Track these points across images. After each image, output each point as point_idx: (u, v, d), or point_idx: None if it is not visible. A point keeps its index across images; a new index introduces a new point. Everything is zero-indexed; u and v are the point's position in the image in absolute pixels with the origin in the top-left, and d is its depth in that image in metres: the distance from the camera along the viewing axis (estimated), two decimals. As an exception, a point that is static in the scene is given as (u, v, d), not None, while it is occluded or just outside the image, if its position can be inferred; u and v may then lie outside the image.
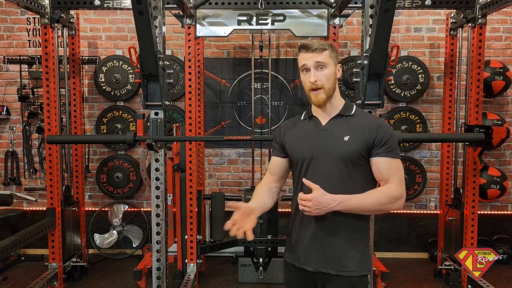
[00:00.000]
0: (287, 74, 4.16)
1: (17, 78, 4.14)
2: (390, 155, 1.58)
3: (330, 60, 1.61)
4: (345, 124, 1.63)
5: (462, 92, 3.53)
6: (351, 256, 1.60)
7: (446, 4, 3.19)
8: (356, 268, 1.59)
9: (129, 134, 2.60)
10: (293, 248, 1.69)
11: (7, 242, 2.73)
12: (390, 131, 1.61)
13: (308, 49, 1.59)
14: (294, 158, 1.70)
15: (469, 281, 3.21)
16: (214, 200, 3.48)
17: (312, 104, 1.67)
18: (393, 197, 1.56)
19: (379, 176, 1.60)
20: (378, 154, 1.58)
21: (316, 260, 1.61)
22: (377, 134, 1.58)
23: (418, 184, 4.16)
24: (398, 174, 1.59)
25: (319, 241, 1.61)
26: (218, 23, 3.30)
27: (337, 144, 1.60)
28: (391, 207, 1.58)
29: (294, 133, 1.72)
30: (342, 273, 1.58)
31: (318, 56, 1.59)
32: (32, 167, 4.19)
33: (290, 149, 1.71)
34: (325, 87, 1.60)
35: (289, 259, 1.70)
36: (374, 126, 1.60)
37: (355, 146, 1.58)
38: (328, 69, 1.60)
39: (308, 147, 1.64)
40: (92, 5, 3.23)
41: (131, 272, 3.55)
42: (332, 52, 1.62)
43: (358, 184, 1.59)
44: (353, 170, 1.59)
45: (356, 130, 1.60)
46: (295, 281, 1.70)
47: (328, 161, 1.59)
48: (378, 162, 1.58)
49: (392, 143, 1.59)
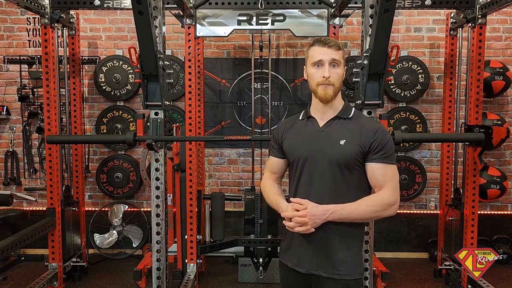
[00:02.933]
0: (287, 74, 4.16)
1: (17, 78, 4.14)
2: (386, 161, 1.58)
3: (343, 61, 1.63)
4: (343, 127, 1.63)
5: (462, 92, 3.53)
6: (344, 260, 1.59)
7: (446, 4, 3.19)
8: (348, 271, 1.59)
9: (129, 134, 2.60)
10: (287, 249, 1.71)
11: (7, 242, 2.73)
12: (387, 136, 1.60)
13: (326, 44, 1.59)
14: (290, 158, 1.70)
15: (469, 281, 3.21)
16: (214, 200, 3.48)
17: (318, 100, 1.64)
18: (386, 204, 1.56)
19: (374, 182, 1.60)
20: (373, 159, 1.58)
21: (309, 262, 1.62)
22: (374, 139, 1.57)
23: (418, 184, 4.16)
24: (393, 181, 1.58)
25: (312, 244, 1.61)
26: (218, 23, 3.30)
27: (332, 147, 1.59)
28: (385, 214, 1.58)
29: (292, 133, 1.72)
30: (334, 276, 1.59)
31: (335, 53, 1.60)
32: (32, 167, 4.19)
33: (287, 149, 1.71)
34: (335, 85, 1.60)
35: (283, 259, 1.72)
36: (372, 131, 1.59)
37: (351, 151, 1.57)
38: (340, 68, 1.62)
39: (304, 148, 1.64)
40: (92, 5, 3.23)
41: (131, 272, 3.55)
42: (344, 54, 1.64)
43: (351, 188, 1.60)
44: (348, 174, 1.59)
45: (353, 134, 1.60)
46: (290, 281, 1.71)
47: (323, 164, 1.60)
48: (374, 168, 1.58)
49: (389, 148, 1.59)
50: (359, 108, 2.63)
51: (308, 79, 1.67)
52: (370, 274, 2.71)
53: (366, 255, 2.69)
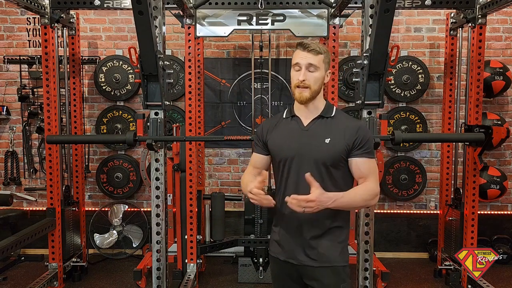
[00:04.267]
0: (287, 74, 4.16)
1: (17, 78, 4.14)
2: (368, 156, 1.68)
3: (322, 65, 1.68)
4: (326, 126, 1.70)
5: (462, 92, 3.53)
6: (333, 249, 1.68)
7: (446, 4, 3.19)
8: (338, 259, 1.69)
9: (129, 134, 2.60)
10: (277, 242, 1.77)
11: (7, 242, 2.73)
12: (369, 133, 1.71)
13: (305, 48, 1.65)
14: (277, 158, 1.76)
15: (469, 281, 3.21)
16: (214, 200, 3.48)
17: (295, 100, 1.73)
18: (374, 194, 1.67)
19: (359, 174, 1.69)
20: (357, 155, 1.67)
21: (300, 253, 1.69)
22: (357, 136, 1.66)
23: (418, 184, 4.16)
24: (375, 173, 1.71)
25: (302, 236, 1.69)
26: (218, 23, 3.30)
27: (318, 146, 1.66)
28: (372, 203, 1.70)
29: (277, 132, 1.77)
30: (325, 264, 1.67)
31: (312, 58, 1.65)
32: (32, 167, 4.19)
33: (272, 147, 1.76)
34: (311, 88, 1.66)
35: (274, 253, 1.78)
36: (354, 129, 1.68)
37: (336, 149, 1.65)
38: (318, 73, 1.67)
39: (290, 147, 1.70)
40: (92, 5, 3.23)
41: (131, 272, 3.55)
42: (326, 58, 1.70)
43: (338, 183, 1.68)
44: (333, 170, 1.67)
45: (336, 132, 1.68)
46: (281, 274, 1.77)
47: (309, 162, 1.66)
48: (358, 162, 1.67)
49: (370, 144, 1.70)
50: (359, 108, 2.64)
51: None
52: (370, 274, 2.72)
53: (366, 255, 2.69)
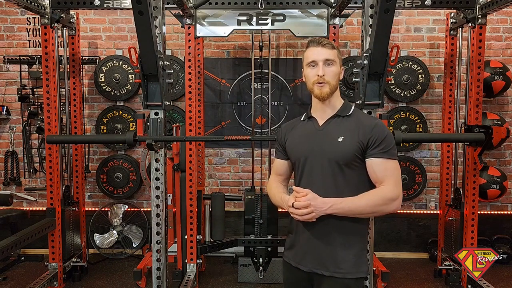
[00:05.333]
0: (287, 74, 4.16)
1: (17, 78, 4.14)
2: (385, 156, 1.56)
3: (337, 59, 1.65)
4: (341, 125, 1.64)
5: (462, 92, 3.53)
6: (345, 258, 1.59)
7: (446, 4, 3.19)
8: (350, 270, 1.58)
9: (129, 134, 2.60)
10: (290, 247, 1.72)
11: (7, 242, 2.73)
12: (386, 131, 1.59)
13: (319, 44, 1.63)
14: (292, 159, 1.73)
15: (469, 281, 3.21)
16: (214, 200, 3.48)
17: (315, 98, 1.68)
18: (388, 199, 1.55)
19: (374, 178, 1.59)
20: (372, 155, 1.57)
21: (311, 260, 1.63)
22: (372, 134, 1.57)
23: (418, 184, 4.16)
24: (394, 175, 1.57)
25: (314, 242, 1.61)
26: (218, 23, 3.30)
27: (331, 145, 1.61)
28: (387, 209, 1.56)
29: (294, 134, 1.74)
30: (336, 275, 1.58)
31: (328, 53, 1.62)
32: (32, 167, 4.19)
33: (289, 150, 1.74)
34: (330, 83, 1.62)
35: (286, 258, 1.74)
36: (369, 126, 1.59)
37: (349, 147, 1.58)
38: (335, 67, 1.64)
39: (304, 148, 1.66)
40: (92, 5, 3.23)
41: (131, 272, 3.55)
42: (339, 53, 1.67)
43: (353, 186, 1.59)
44: (348, 171, 1.59)
45: (351, 131, 1.61)
46: (292, 280, 1.72)
47: (322, 162, 1.61)
48: (373, 163, 1.57)
49: (388, 143, 1.58)
50: (359, 108, 2.63)
51: (305, 80, 1.70)
52: (370, 274, 2.72)
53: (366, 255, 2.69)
